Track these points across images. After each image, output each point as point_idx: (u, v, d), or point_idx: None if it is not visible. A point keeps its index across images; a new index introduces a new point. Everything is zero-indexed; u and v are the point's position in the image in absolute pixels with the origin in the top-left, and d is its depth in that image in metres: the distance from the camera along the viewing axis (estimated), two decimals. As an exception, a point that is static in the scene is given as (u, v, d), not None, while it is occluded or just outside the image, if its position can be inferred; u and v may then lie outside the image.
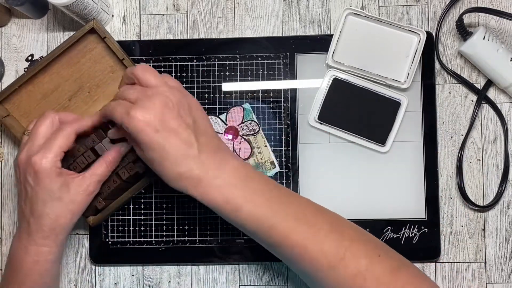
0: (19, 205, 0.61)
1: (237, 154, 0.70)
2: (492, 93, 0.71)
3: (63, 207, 0.59)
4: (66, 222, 0.60)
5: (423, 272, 0.59)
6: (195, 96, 0.71)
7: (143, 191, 0.71)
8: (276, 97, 0.71)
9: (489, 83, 0.71)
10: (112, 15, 0.74)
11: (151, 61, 0.72)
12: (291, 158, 0.71)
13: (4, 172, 0.73)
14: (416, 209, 0.70)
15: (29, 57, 0.74)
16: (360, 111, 0.70)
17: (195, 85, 0.72)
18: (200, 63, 0.72)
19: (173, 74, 0.72)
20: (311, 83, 0.71)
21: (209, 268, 0.71)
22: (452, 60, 0.72)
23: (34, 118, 0.70)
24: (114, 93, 0.69)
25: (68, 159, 0.67)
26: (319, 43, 0.71)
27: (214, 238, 0.71)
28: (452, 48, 0.72)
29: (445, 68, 0.71)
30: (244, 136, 0.71)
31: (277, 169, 0.71)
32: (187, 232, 0.71)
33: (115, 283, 0.72)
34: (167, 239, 0.71)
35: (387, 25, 0.70)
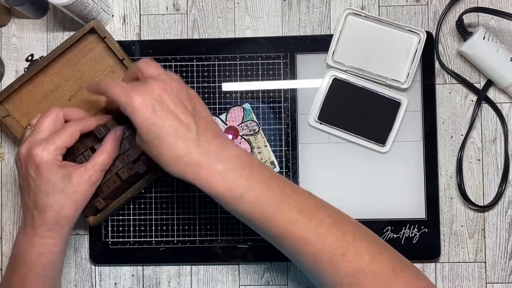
0: (23, 199, 0.61)
1: (237, 154, 0.71)
2: (492, 93, 0.71)
3: (66, 199, 0.59)
4: (71, 214, 0.60)
5: (423, 273, 0.59)
6: (195, 96, 0.71)
7: (143, 191, 0.71)
8: (276, 97, 0.71)
9: (489, 83, 0.71)
10: (112, 15, 0.74)
11: (151, 61, 0.72)
12: (291, 158, 0.71)
13: (4, 172, 0.73)
14: (416, 209, 0.70)
15: (29, 57, 0.74)
16: (360, 111, 0.70)
17: (195, 85, 0.72)
18: (200, 63, 0.72)
19: (173, 74, 0.72)
20: (311, 83, 0.71)
21: (209, 268, 0.71)
22: (452, 60, 0.72)
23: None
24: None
25: (68, 159, 0.67)
26: (319, 43, 0.71)
27: (214, 238, 0.71)
28: (452, 48, 0.72)
29: (445, 68, 0.71)
30: (244, 136, 0.71)
31: (277, 169, 0.71)
32: (187, 232, 0.71)
33: (115, 283, 0.72)
34: (167, 239, 0.71)
35: (387, 25, 0.70)
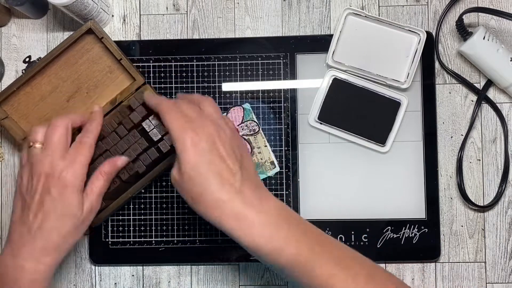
0: (21, 216, 0.58)
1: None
2: (492, 93, 0.71)
3: (75, 224, 0.58)
4: (73, 240, 0.59)
5: None
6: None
7: (143, 191, 0.71)
8: (276, 97, 0.71)
9: (489, 83, 0.70)
10: (112, 15, 0.74)
11: (151, 61, 0.72)
12: (291, 158, 0.71)
13: (4, 172, 0.73)
14: (416, 209, 0.70)
15: (27, 59, 0.74)
16: (360, 111, 0.70)
17: (195, 85, 0.72)
18: (200, 63, 0.72)
19: (173, 74, 0.72)
20: (311, 83, 0.71)
21: (209, 268, 0.72)
22: (452, 60, 0.71)
23: (33, 121, 0.70)
24: (112, 94, 0.69)
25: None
26: (319, 43, 0.71)
27: (214, 238, 0.71)
28: (452, 48, 0.71)
29: (445, 68, 0.71)
30: (244, 136, 0.71)
31: (277, 169, 0.71)
32: (187, 232, 0.71)
33: (115, 283, 0.72)
34: (167, 239, 0.71)
35: (387, 25, 0.70)
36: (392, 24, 0.70)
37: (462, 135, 0.71)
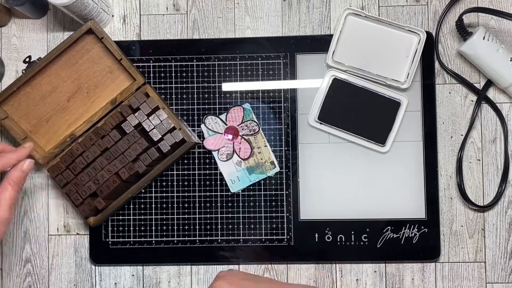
0: None
1: (237, 154, 0.71)
2: (492, 93, 0.71)
3: None
4: None
5: None
6: (195, 96, 0.71)
7: (143, 191, 0.71)
8: (276, 97, 0.71)
9: (489, 83, 0.70)
10: (112, 15, 0.74)
11: (151, 61, 0.72)
12: (291, 158, 0.71)
13: (4, 172, 0.73)
14: (416, 209, 0.70)
15: (27, 59, 0.74)
16: (360, 111, 0.70)
17: (195, 85, 0.72)
18: (200, 63, 0.72)
19: (173, 74, 0.72)
20: (311, 83, 0.71)
21: (209, 268, 0.72)
22: (452, 60, 0.72)
23: (33, 121, 0.70)
24: (112, 94, 0.70)
25: (67, 159, 0.67)
26: (319, 43, 0.71)
27: (214, 238, 0.71)
28: (452, 48, 0.72)
29: (445, 68, 0.71)
30: (244, 136, 0.71)
31: (277, 169, 0.71)
32: (187, 232, 0.71)
33: (115, 283, 0.72)
34: (167, 239, 0.71)
35: (387, 25, 0.70)
36: (392, 24, 0.70)
37: (462, 135, 0.71)
